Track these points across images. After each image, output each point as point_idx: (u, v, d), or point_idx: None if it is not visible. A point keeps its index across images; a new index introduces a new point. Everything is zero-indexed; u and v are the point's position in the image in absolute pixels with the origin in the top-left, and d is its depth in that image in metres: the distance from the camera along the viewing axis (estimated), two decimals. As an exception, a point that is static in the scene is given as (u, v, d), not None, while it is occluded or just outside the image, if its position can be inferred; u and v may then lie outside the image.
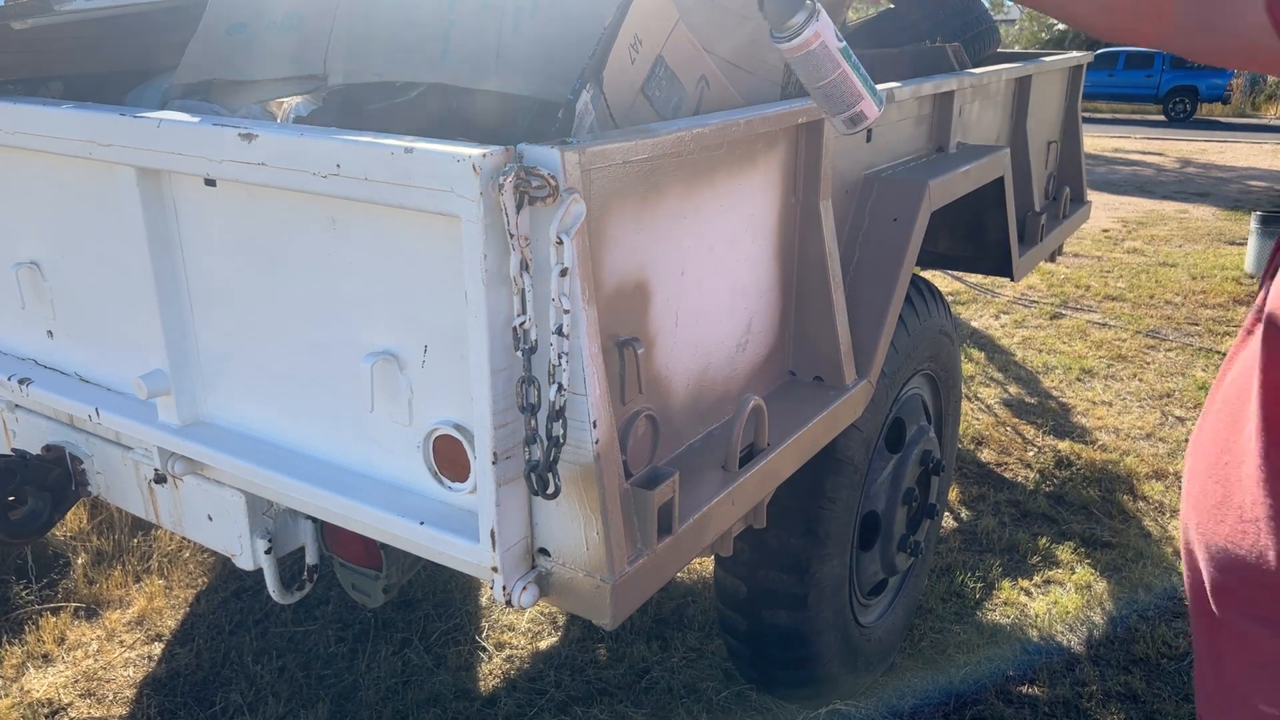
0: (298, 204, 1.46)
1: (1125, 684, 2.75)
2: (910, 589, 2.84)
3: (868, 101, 1.46)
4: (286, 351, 1.59)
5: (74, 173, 1.74)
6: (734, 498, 1.64)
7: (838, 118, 1.48)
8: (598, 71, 1.43)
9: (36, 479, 1.96)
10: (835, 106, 1.47)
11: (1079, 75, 4.05)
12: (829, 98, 1.46)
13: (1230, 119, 21.49)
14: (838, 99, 1.45)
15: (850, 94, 1.45)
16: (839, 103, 1.46)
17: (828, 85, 1.44)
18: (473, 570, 1.44)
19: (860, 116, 1.48)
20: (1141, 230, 8.80)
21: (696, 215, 1.61)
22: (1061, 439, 4.34)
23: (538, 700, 2.64)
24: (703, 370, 1.72)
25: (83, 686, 2.68)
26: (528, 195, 1.20)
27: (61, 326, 1.94)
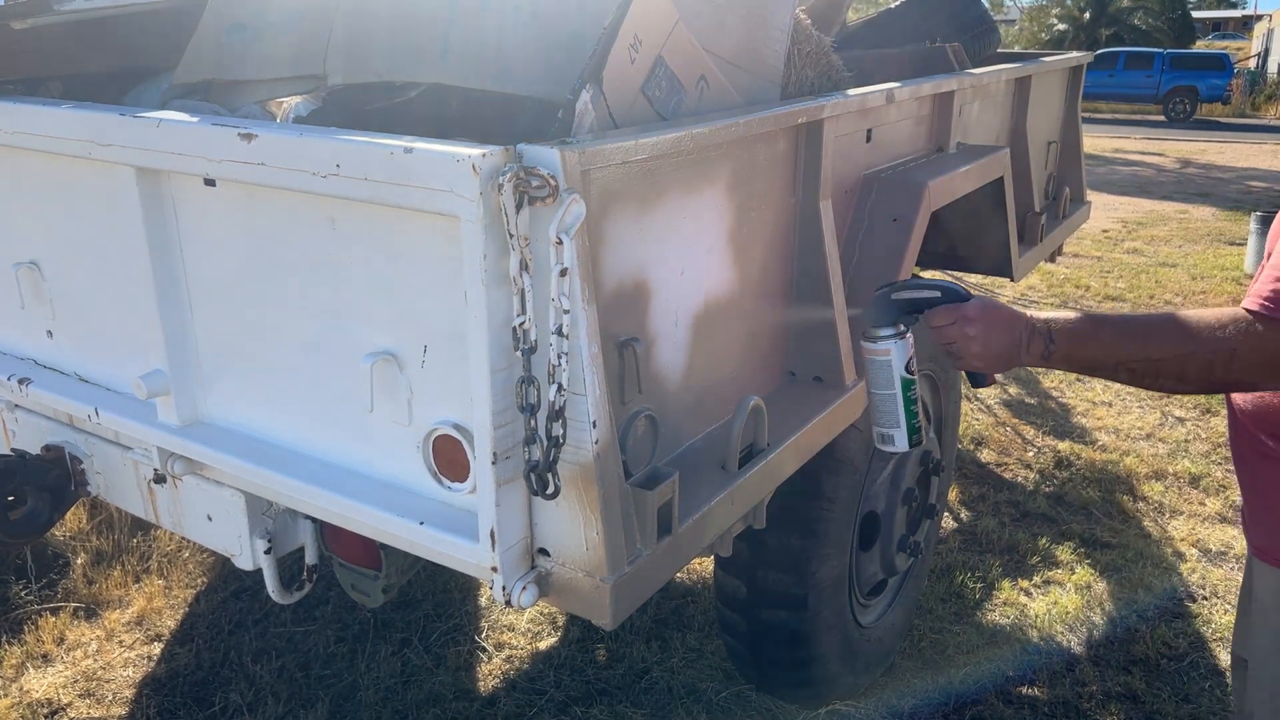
0: (297, 204, 1.46)
1: (1125, 684, 2.74)
2: (910, 589, 2.84)
3: (901, 434, 1.62)
4: (286, 351, 1.59)
5: (74, 173, 1.73)
6: (734, 498, 1.64)
7: (873, 428, 1.66)
8: (598, 71, 1.43)
9: (36, 479, 1.96)
10: (875, 416, 1.64)
11: (1079, 75, 4.05)
12: (874, 406, 1.63)
13: (1230, 119, 21.49)
14: (880, 412, 1.62)
15: (889, 417, 1.61)
16: (879, 416, 1.63)
17: (878, 397, 1.61)
18: (472, 570, 1.44)
19: (888, 440, 1.63)
20: (1141, 230, 8.80)
21: (696, 215, 1.61)
22: (1061, 439, 4.33)
23: (537, 700, 2.64)
24: (703, 370, 1.71)
25: (82, 686, 2.68)
26: (527, 195, 1.20)
27: (61, 326, 1.94)
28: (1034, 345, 1.42)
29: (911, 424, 1.61)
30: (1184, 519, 3.67)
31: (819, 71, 2.21)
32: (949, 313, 1.50)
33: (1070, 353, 1.40)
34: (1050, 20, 28.67)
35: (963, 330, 1.47)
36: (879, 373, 1.59)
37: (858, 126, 2.13)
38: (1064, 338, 1.40)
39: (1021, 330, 1.44)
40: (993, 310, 1.47)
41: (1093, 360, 1.41)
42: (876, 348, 1.58)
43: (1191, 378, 1.34)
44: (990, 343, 1.46)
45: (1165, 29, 27.24)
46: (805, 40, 2.15)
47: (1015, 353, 1.45)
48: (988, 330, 1.45)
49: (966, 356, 1.49)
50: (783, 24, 1.96)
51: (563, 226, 1.22)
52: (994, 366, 1.50)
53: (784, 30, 1.97)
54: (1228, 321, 1.31)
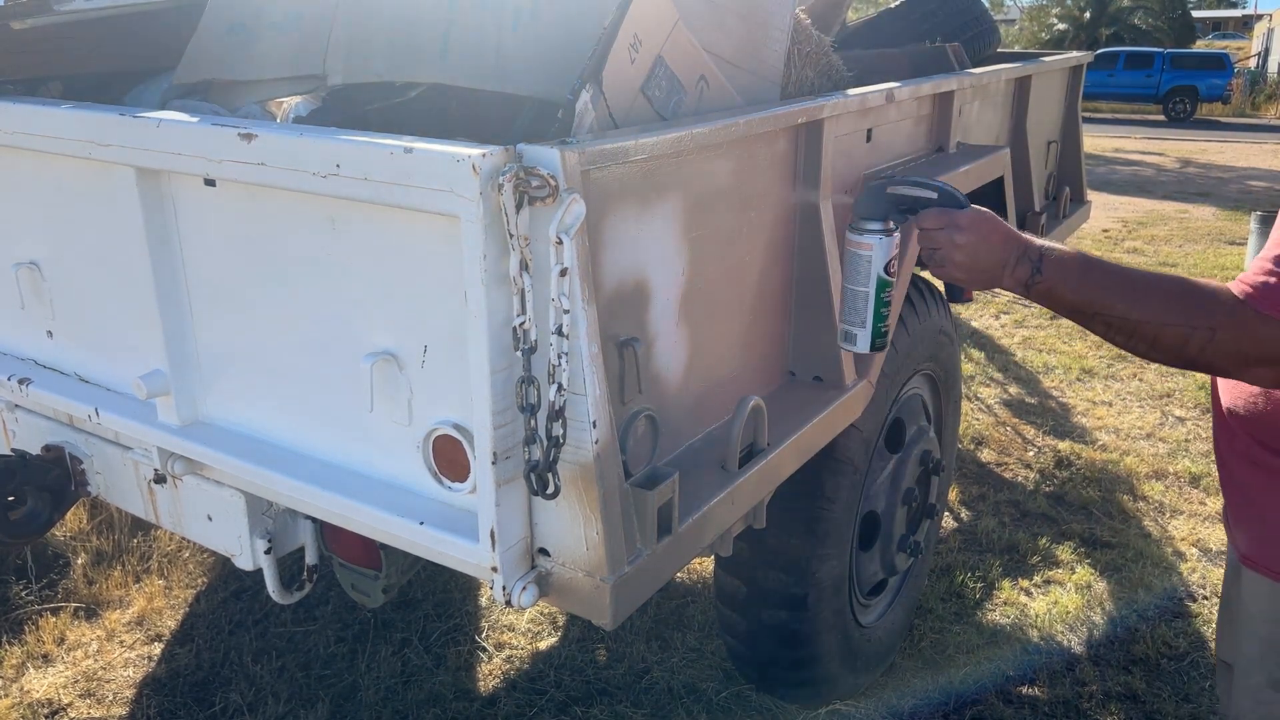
0: (297, 204, 1.46)
1: (1125, 684, 2.74)
2: (910, 589, 2.84)
3: (864, 334, 1.57)
4: (286, 351, 1.59)
5: (74, 173, 1.73)
6: (734, 498, 1.64)
7: (839, 323, 1.61)
8: (597, 71, 1.43)
9: (36, 479, 1.96)
10: (842, 311, 1.60)
11: (1079, 75, 4.05)
12: (844, 300, 1.59)
13: (1230, 119, 21.48)
14: (848, 308, 1.58)
15: (857, 314, 1.56)
16: (846, 311, 1.58)
17: (850, 292, 1.57)
18: (472, 570, 1.44)
19: (850, 338, 1.59)
20: (1141, 230, 8.80)
21: (696, 215, 1.61)
22: (1061, 439, 4.33)
23: (538, 700, 2.64)
24: (703, 370, 1.71)
25: (82, 687, 2.68)
26: (527, 195, 1.20)
27: (61, 326, 1.94)
28: (1020, 270, 1.36)
29: (878, 326, 1.55)
30: (1184, 519, 3.67)
31: (819, 71, 2.21)
32: (941, 215, 1.43)
33: (1053, 288, 1.34)
34: (1050, 20, 28.67)
35: (950, 236, 1.40)
36: (856, 267, 1.53)
37: (858, 126, 2.13)
38: (1052, 270, 1.34)
39: (1012, 251, 1.37)
40: (987, 223, 1.41)
41: (1073, 303, 1.34)
42: (860, 240, 1.51)
43: (1164, 346, 1.29)
44: (976, 255, 1.39)
45: (1165, 29, 27.24)
46: (805, 40, 2.15)
47: (999, 272, 1.38)
48: (977, 242, 1.39)
49: (948, 265, 1.42)
50: (783, 24, 1.96)
51: (563, 226, 1.22)
52: (974, 281, 1.42)
53: (784, 30, 1.97)
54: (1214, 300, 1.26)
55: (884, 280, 1.53)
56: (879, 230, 1.51)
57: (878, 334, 1.57)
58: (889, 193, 1.50)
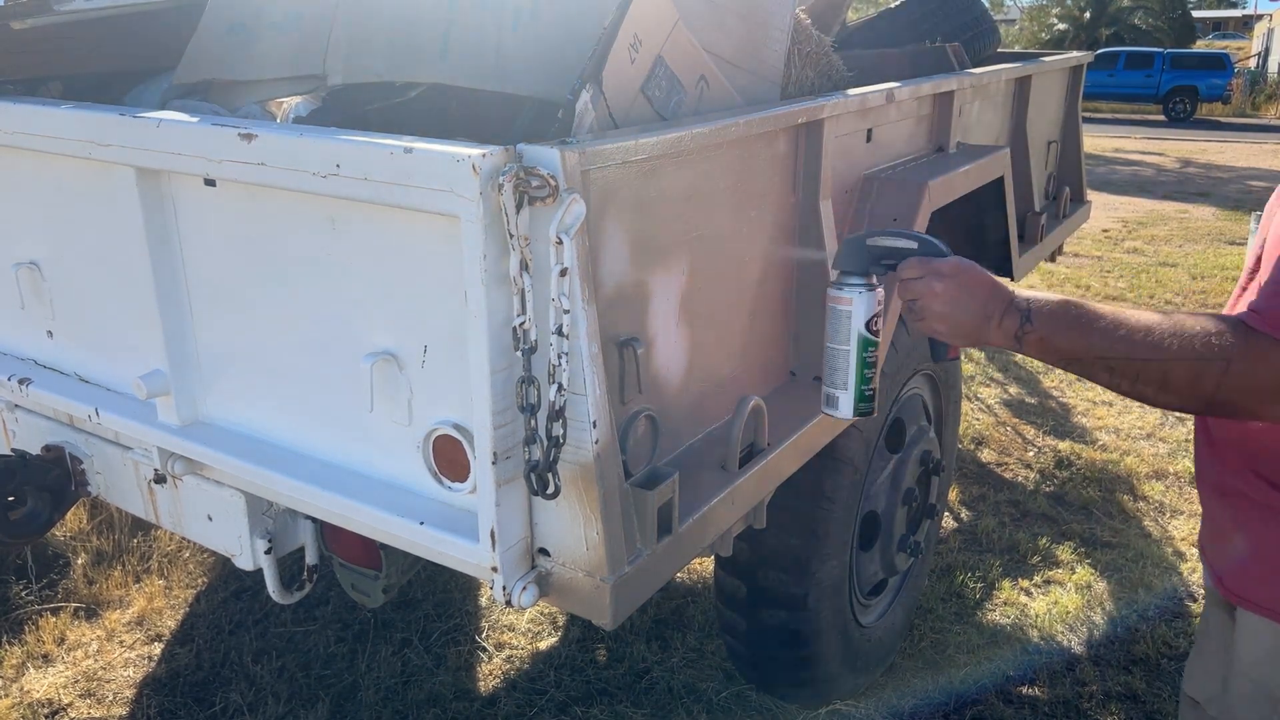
0: (297, 204, 1.46)
1: (1125, 684, 2.74)
2: (910, 589, 2.84)
3: (847, 398, 1.49)
4: (286, 352, 1.59)
5: (74, 173, 1.73)
6: (734, 498, 1.64)
7: (822, 386, 1.52)
8: (597, 71, 1.43)
9: (36, 479, 1.96)
10: (825, 372, 1.51)
11: (1079, 75, 4.05)
12: (826, 360, 1.50)
13: (1230, 119, 21.48)
14: (830, 369, 1.50)
15: (839, 376, 1.48)
16: (828, 372, 1.50)
17: (831, 352, 1.49)
18: (472, 570, 1.44)
19: (832, 402, 1.51)
20: (1141, 230, 8.80)
21: (696, 215, 1.61)
22: (1062, 439, 4.33)
23: (538, 700, 2.64)
24: (703, 370, 1.71)
25: (83, 687, 2.68)
26: (527, 195, 1.20)
27: (61, 326, 1.94)
28: (1007, 322, 1.27)
29: (861, 390, 1.46)
30: (1184, 518, 3.67)
31: (819, 71, 2.21)
32: (921, 265, 1.35)
33: (1046, 338, 1.25)
34: (1050, 20, 28.67)
35: (930, 286, 1.32)
36: (837, 324, 1.46)
37: (858, 126, 2.13)
38: (1042, 320, 1.25)
39: (997, 302, 1.28)
40: (969, 273, 1.32)
41: (1070, 351, 1.24)
42: (840, 295, 1.44)
43: (1176, 387, 1.18)
44: (958, 306, 1.30)
45: (1165, 29, 27.24)
46: (805, 40, 2.15)
47: (984, 325, 1.29)
48: (959, 292, 1.30)
49: (929, 317, 1.33)
50: (783, 24, 1.96)
51: (563, 226, 1.22)
52: (957, 335, 1.33)
53: (784, 30, 1.97)
54: (1223, 330, 1.16)
55: (866, 339, 1.45)
56: (860, 285, 1.44)
57: (862, 397, 1.48)
58: (869, 245, 1.44)
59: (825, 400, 1.51)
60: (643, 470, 1.51)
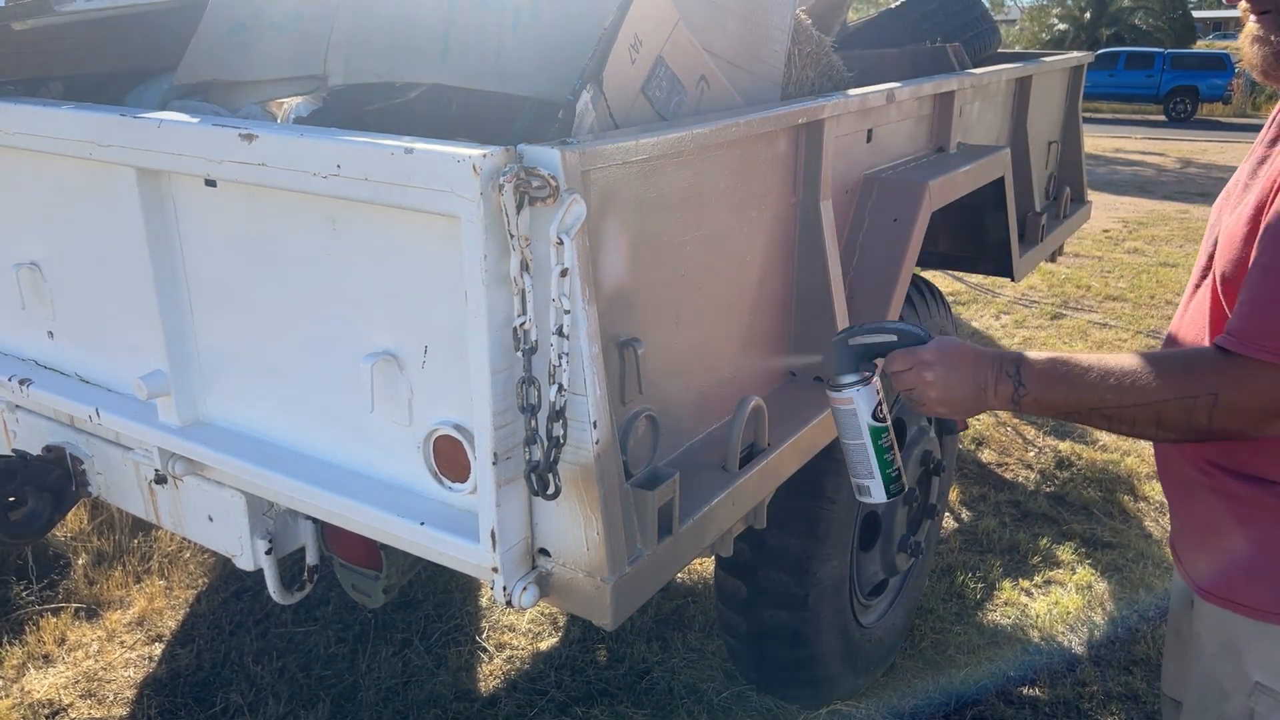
0: (298, 204, 1.46)
1: (1126, 684, 2.74)
2: (911, 589, 2.84)
3: (877, 485, 1.52)
4: (286, 352, 1.59)
5: (74, 173, 1.73)
6: (734, 498, 1.64)
7: (850, 478, 1.56)
8: (598, 72, 1.43)
9: (37, 479, 1.96)
10: (850, 467, 1.54)
11: (1079, 75, 4.05)
12: (847, 457, 1.54)
13: (1231, 119, 21.48)
14: (853, 463, 1.53)
15: (863, 468, 1.52)
16: (853, 466, 1.54)
17: (849, 448, 1.52)
18: (473, 571, 1.44)
19: (864, 491, 1.54)
20: (1142, 230, 8.80)
21: (696, 215, 1.61)
22: (1062, 439, 4.33)
23: (538, 701, 2.64)
24: (703, 370, 1.71)
25: (83, 687, 2.68)
26: (528, 195, 1.20)
27: (62, 327, 1.94)
28: (1001, 388, 1.31)
29: (887, 474, 1.52)
30: (1185, 519, 3.67)
31: (819, 71, 2.21)
32: (905, 357, 1.40)
33: (1041, 396, 1.29)
34: (1051, 20, 28.67)
35: (920, 375, 1.37)
36: (846, 422, 1.51)
37: (858, 126, 2.13)
38: (1034, 381, 1.29)
39: (987, 372, 1.33)
40: (953, 352, 1.36)
41: (1065, 405, 1.29)
42: (840, 396, 1.50)
43: (1171, 425, 1.21)
44: (951, 387, 1.35)
45: (1166, 29, 27.24)
46: (805, 40, 2.15)
47: (981, 397, 1.33)
48: (948, 374, 1.35)
49: (928, 403, 1.38)
50: (783, 24, 1.96)
51: (563, 227, 1.22)
52: (958, 411, 1.38)
53: (784, 30, 1.97)
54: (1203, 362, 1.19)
55: (876, 428, 1.50)
56: (856, 382, 1.48)
57: (889, 480, 1.53)
58: (851, 345, 1.49)
59: (858, 491, 1.55)
60: (643, 470, 1.51)
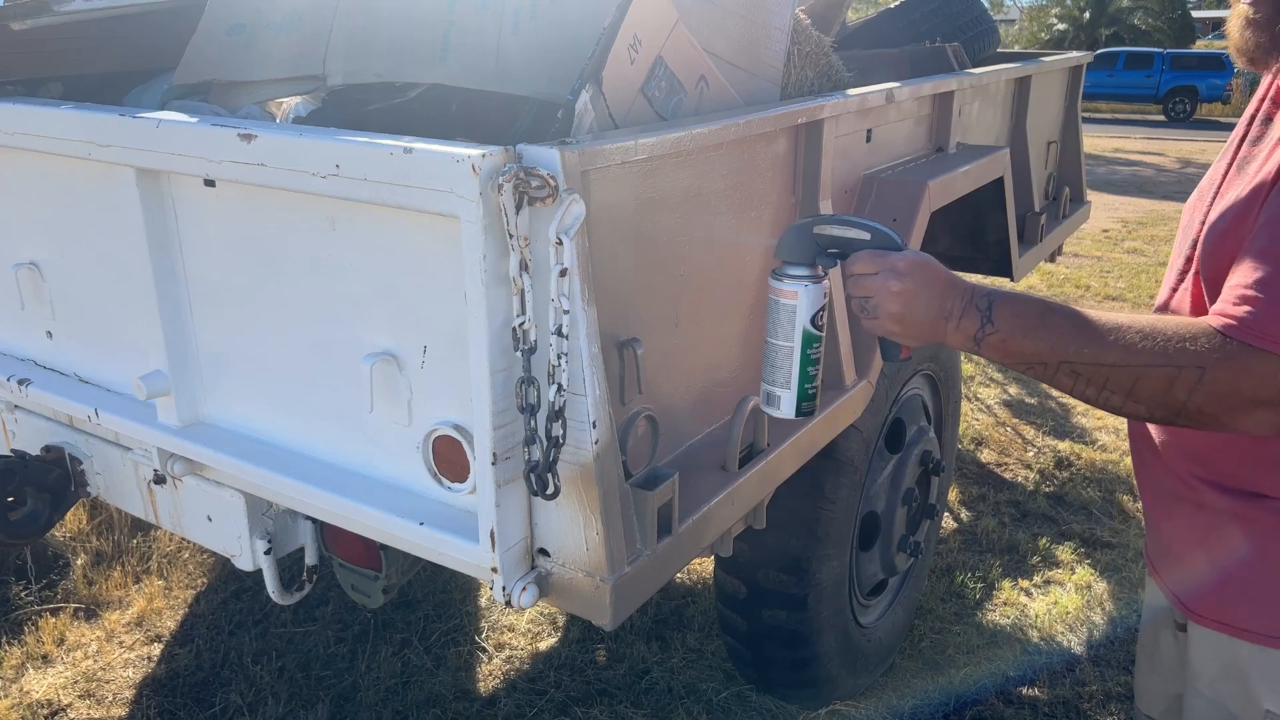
0: (297, 204, 1.46)
1: (1126, 684, 2.74)
2: (910, 589, 2.84)
3: (789, 397, 1.37)
4: (286, 352, 1.59)
5: (73, 173, 1.73)
6: (734, 498, 1.64)
7: (761, 384, 1.39)
8: (597, 72, 1.43)
9: (36, 479, 1.96)
10: (765, 370, 1.38)
11: (1079, 75, 4.05)
12: (766, 357, 1.38)
13: (1230, 119, 21.48)
14: (771, 366, 1.37)
15: (780, 374, 1.36)
16: (768, 369, 1.38)
17: (773, 348, 1.36)
18: (472, 571, 1.44)
19: (773, 401, 1.39)
20: (1141, 230, 8.80)
21: (696, 215, 1.61)
22: (1061, 439, 4.33)
23: (537, 701, 2.64)
24: (703, 370, 1.71)
25: (82, 687, 2.68)
26: (527, 195, 1.20)
27: (61, 327, 1.94)
28: (966, 322, 1.18)
29: (804, 388, 1.35)
30: (1184, 519, 3.67)
31: (819, 72, 2.21)
32: (874, 259, 1.24)
33: (1007, 339, 1.16)
34: (1050, 20, 28.68)
35: (885, 283, 1.22)
36: (780, 318, 1.34)
37: (858, 127, 2.13)
38: (1005, 320, 1.16)
39: (956, 300, 1.19)
40: (927, 268, 1.22)
41: (1031, 354, 1.16)
42: (782, 287, 1.33)
43: (1144, 396, 1.11)
44: (914, 305, 1.21)
45: (1165, 29, 27.26)
46: (805, 40, 2.15)
47: (940, 325, 1.20)
48: (916, 289, 1.21)
49: (882, 316, 1.24)
50: (783, 24, 1.96)
51: (562, 227, 1.22)
52: (910, 335, 1.24)
53: (784, 30, 1.97)
54: (1198, 334, 1.09)
55: (811, 334, 1.34)
56: (805, 276, 1.32)
57: (804, 396, 1.37)
58: (815, 233, 1.32)
59: (765, 399, 1.41)
60: (643, 471, 1.51)
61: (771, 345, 1.36)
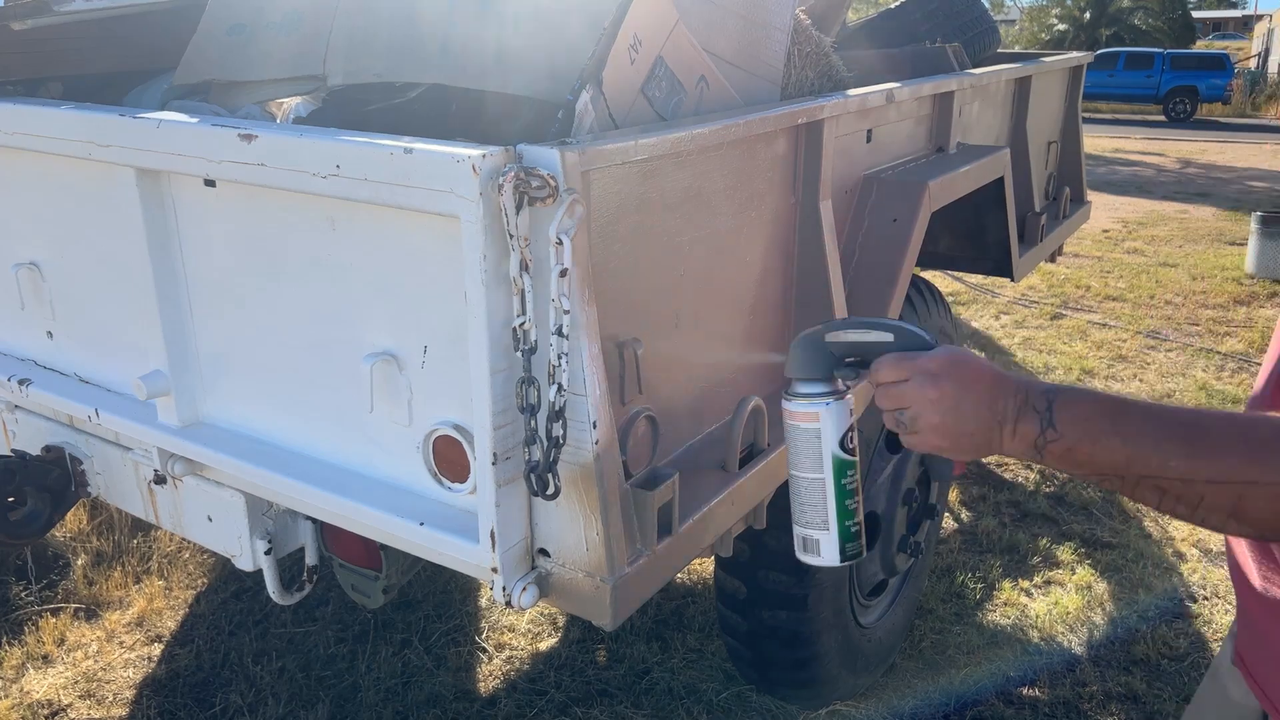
0: (297, 204, 1.46)
1: (1126, 684, 2.74)
2: (910, 590, 2.84)
3: (830, 540, 1.14)
4: (286, 352, 1.59)
5: (74, 173, 1.73)
6: (734, 498, 1.64)
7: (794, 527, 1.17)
8: (597, 72, 1.43)
9: (36, 480, 1.96)
10: (795, 510, 1.16)
11: (1079, 75, 4.05)
12: (794, 494, 1.16)
13: (1230, 119, 21.48)
14: (801, 505, 1.15)
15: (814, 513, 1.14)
16: (799, 509, 1.16)
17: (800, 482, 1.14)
18: (473, 571, 1.44)
19: (810, 546, 1.16)
20: (1142, 230, 8.80)
21: (696, 215, 1.61)
22: (1062, 439, 4.33)
23: (538, 701, 2.64)
24: (703, 370, 1.71)
25: (82, 687, 2.68)
26: (527, 195, 1.20)
27: (61, 327, 1.94)
28: (1024, 426, 0.97)
29: (845, 527, 1.14)
30: (1184, 519, 3.67)
31: (819, 72, 2.21)
32: (902, 364, 1.05)
33: (1074, 447, 0.95)
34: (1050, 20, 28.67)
35: (921, 391, 1.02)
36: (802, 447, 1.13)
37: (858, 127, 2.13)
38: (1069, 423, 0.95)
39: (1008, 400, 0.99)
40: (966, 365, 1.02)
41: (1105, 465, 0.94)
42: (799, 410, 1.11)
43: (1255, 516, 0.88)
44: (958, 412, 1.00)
45: (1165, 29, 27.25)
46: (805, 40, 2.15)
47: (993, 432, 0.99)
48: (957, 394, 1.00)
49: (923, 430, 1.03)
50: (783, 24, 1.96)
51: (563, 227, 1.22)
52: (960, 448, 1.03)
53: (784, 30, 1.97)
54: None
55: (842, 460, 1.12)
56: (825, 393, 1.11)
57: (847, 536, 1.15)
58: (828, 342, 1.13)
59: (801, 545, 1.17)
60: (643, 470, 1.51)
61: (797, 480, 1.14)
